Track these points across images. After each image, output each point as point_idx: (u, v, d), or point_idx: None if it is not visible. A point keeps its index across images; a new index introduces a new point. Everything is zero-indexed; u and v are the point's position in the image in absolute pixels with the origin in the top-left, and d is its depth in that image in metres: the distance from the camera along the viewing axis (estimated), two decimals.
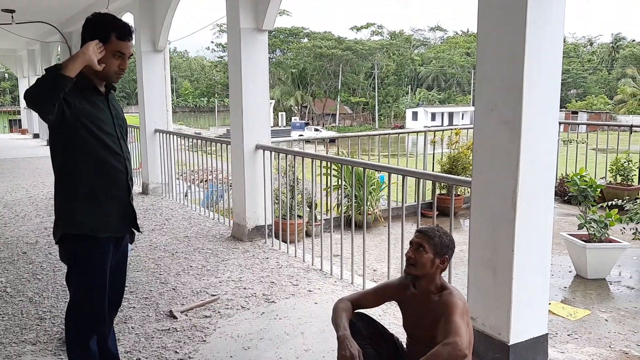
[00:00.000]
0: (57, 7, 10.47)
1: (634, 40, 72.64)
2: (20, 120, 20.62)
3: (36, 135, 18.93)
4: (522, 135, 2.89)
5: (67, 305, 2.68)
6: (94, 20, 2.56)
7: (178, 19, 7.97)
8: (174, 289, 4.46)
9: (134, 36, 2.59)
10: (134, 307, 4.07)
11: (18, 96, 25.24)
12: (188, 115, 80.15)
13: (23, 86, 20.52)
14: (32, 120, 19.01)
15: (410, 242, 2.63)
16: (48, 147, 2.60)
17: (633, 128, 8.73)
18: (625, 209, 5.48)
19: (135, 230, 2.80)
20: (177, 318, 3.87)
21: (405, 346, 2.80)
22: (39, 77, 2.30)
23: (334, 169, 7.08)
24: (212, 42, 76.83)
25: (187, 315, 3.94)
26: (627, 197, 6.18)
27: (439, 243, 2.57)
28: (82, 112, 2.45)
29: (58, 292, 4.40)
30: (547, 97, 3.00)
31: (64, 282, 4.52)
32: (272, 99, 60.61)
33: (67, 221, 2.54)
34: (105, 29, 2.51)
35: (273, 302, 4.15)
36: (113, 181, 2.59)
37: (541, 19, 2.87)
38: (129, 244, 2.85)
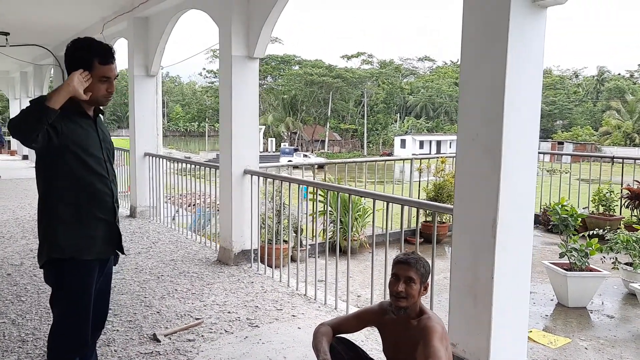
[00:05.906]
0: (51, 30, 10.57)
1: (618, 74, 74.13)
2: (9, 141, 20.48)
3: (25, 157, 18.85)
4: (502, 164, 2.98)
5: (50, 327, 2.68)
6: (74, 48, 2.53)
7: (171, 44, 8.08)
8: (158, 312, 4.45)
9: (115, 56, 2.59)
10: (117, 330, 4.06)
11: (9, 117, 25.14)
12: (178, 139, 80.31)
13: (14, 108, 20.49)
14: None
15: (396, 275, 2.59)
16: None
17: (614, 159, 8.93)
18: (606, 238, 5.58)
19: (119, 252, 2.80)
20: (160, 342, 3.87)
21: None
22: (24, 108, 2.30)
23: (320, 195, 7.15)
24: (204, 68, 77.41)
25: (170, 338, 3.93)
26: (608, 227, 6.31)
27: (423, 272, 2.60)
28: (69, 137, 2.46)
29: (42, 314, 4.38)
30: (527, 128, 3.11)
31: (48, 305, 4.53)
32: (264, 124, 60.96)
33: (51, 245, 2.54)
34: (86, 55, 2.50)
35: (257, 326, 4.17)
36: (99, 203, 2.61)
37: (521, 53, 2.99)
38: (113, 266, 2.86)
